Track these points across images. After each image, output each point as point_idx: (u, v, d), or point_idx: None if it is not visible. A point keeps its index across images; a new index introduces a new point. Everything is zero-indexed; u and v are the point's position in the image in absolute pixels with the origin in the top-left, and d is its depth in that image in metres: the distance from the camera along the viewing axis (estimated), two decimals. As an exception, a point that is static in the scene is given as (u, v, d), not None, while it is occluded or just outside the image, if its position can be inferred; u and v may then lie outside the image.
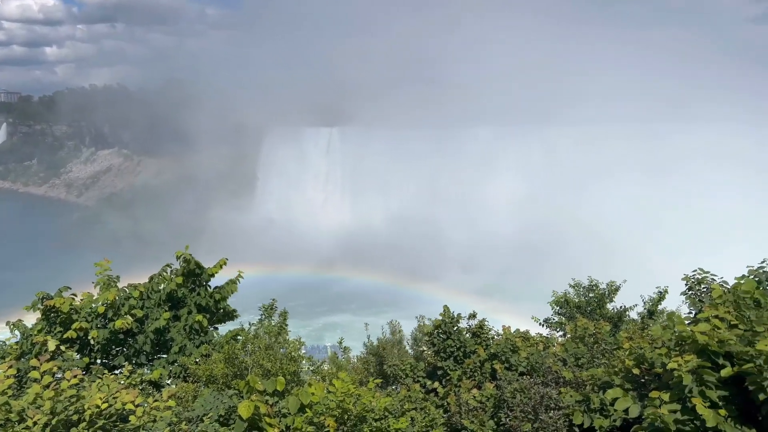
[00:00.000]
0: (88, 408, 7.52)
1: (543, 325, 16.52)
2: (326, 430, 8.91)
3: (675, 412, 7.13)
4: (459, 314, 13.93)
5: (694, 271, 13.81)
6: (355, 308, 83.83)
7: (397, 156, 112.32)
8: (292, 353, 12.18)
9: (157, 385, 11.64)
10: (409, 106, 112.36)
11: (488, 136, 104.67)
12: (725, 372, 7.19)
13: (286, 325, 12.36)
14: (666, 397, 7.33)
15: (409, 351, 17.37)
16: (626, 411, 7.88)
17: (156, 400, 8.48)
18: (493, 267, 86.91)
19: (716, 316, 8.07)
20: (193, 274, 13.41)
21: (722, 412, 6.94)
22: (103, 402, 7.65)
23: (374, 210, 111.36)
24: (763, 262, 12.89)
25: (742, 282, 9.80)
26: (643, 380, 8.58)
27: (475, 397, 10.64)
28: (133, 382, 10.04)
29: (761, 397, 6.75)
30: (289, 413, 9.05)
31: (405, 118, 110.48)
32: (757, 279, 12.43)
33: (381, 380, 13.36)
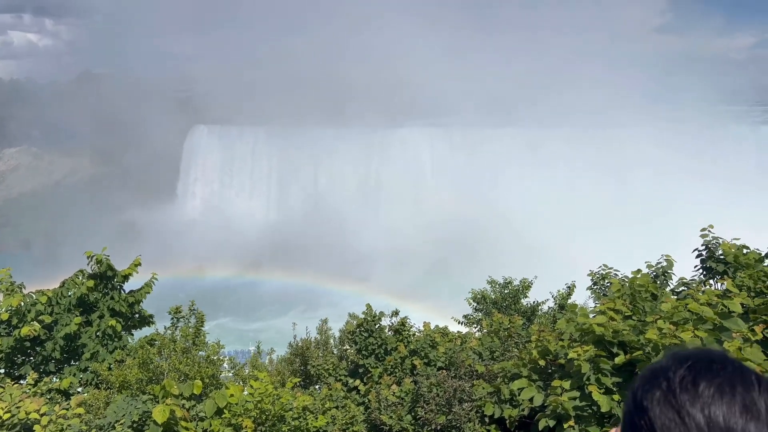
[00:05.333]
0: (-12, 419, 7.20)
1: (461, 323, 17.05)
2: (244, 431, 8.89)
3: (574, 399, 7.64)
4: (381, 312, 14.19)
5: (599, 267, 14.82)
6: (282, 309, 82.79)
7: (323, 155, 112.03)
8: (211, 356, 12.01)
9: (66, 394, 11.17)
10: (335, 105, 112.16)
11: (414, 135, 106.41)
12: (619, 359, 7.78)
13: (203, 327, 12.17)
14: (566, 385, 7.83)
15: (334, 351, 17.45)
16: (531, 400, 8.34)
17: (64, 408, 8.18)
18: (420, 265, 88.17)
19: (612, 309, 8.69)
20: (105, 276, 12.95)
21: (616, 397, 7.50)
22: (5, 412, 7.34)
23: (302, 210, 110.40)
24: (660, 258, 13.97)
25: (638, 276, 10.57)
26: (549, 371, 9.10)
27: (394, 393, 10.88)
28: (39, 391, 9.61)
29: (650, 381, 7.32)
30: (206, 416, 8.97)
31: (330, 117, 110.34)
32: (654, 273, 13.46)
33: (300, 379, 13.40)
